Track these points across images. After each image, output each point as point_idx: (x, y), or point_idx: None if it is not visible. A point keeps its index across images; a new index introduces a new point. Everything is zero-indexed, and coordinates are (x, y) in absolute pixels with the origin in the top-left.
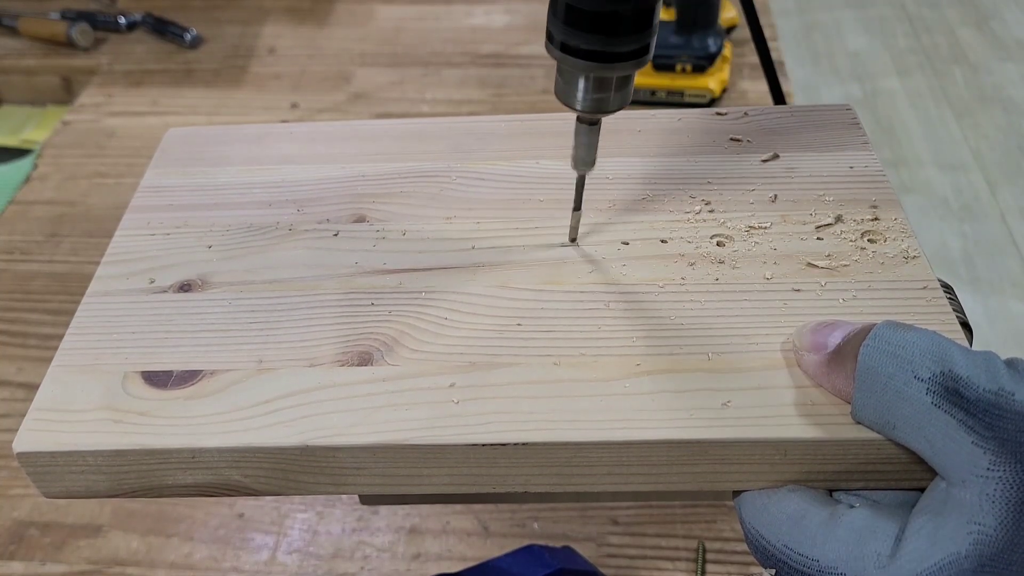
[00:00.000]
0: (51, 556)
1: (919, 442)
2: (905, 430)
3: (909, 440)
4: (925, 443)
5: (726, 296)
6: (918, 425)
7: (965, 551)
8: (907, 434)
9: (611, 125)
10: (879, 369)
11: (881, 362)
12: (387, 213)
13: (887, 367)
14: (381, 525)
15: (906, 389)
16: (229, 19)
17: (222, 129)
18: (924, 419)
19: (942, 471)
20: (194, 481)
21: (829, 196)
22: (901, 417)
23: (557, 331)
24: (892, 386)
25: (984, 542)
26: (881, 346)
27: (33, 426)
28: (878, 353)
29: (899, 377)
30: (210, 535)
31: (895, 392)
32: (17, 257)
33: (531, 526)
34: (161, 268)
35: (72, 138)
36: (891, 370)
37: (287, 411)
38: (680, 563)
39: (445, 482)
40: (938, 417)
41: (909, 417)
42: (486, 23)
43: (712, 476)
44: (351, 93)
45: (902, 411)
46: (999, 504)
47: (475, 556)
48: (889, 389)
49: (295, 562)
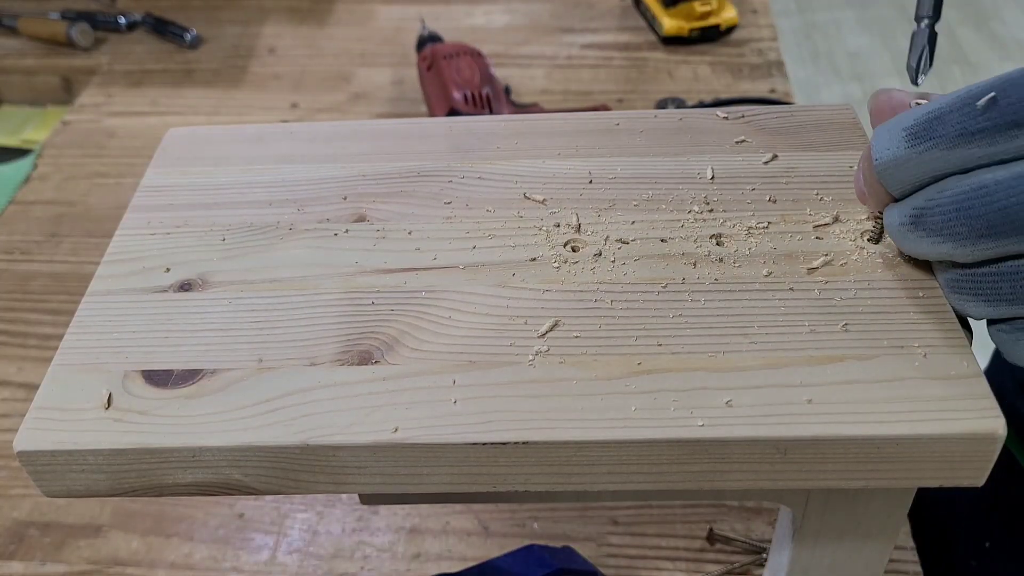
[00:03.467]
0: (51, 556)
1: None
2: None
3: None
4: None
5: (726, 295)
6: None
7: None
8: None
9: (611, 125)
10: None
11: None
12: (387, 213)
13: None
14: (381, 525)
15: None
16: (229, 19)
17: (222, 129)
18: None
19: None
20: (194, 480)
21: (828, 196)
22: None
23: (558, 330)
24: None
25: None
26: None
27: (34, 425)
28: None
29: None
30: (210, 535)
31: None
32: (17, 257)
33: (531, 526)
34: (161, 268)
35: (72, 138)
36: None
37: (287, 410)
38: (680, 563)
39: (445, 481)
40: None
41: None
42: (486, 23)
43: (712, 475)
44: (351, 93)
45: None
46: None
47: (475, 556)
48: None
49: (295, 562)
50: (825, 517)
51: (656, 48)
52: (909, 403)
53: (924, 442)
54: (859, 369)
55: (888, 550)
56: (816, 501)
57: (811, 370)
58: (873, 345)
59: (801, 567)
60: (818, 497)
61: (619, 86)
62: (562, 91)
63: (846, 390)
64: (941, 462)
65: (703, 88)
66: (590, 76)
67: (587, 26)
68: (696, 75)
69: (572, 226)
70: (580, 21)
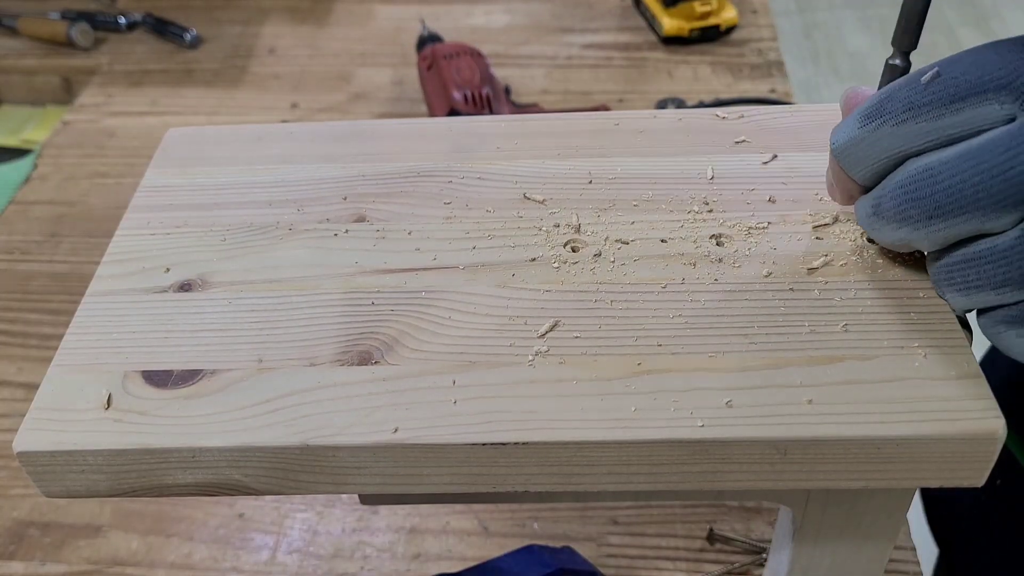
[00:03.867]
0: (51, 556)
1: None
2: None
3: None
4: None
5: (726, 295)
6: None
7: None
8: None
9: (611, 125)
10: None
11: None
12: (387, 213)
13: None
14: (381, 525)
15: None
16: (229, 19)
17: (222, 129)
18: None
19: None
20: (194, 480)
21: (828, 196)
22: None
23: (557, 330)
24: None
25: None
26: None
27: (33, 426)
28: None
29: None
30: (210, 535)
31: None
32: (17, 257)
33: (531, 526)
34: (161, 268)
35: (72, 138)
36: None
37: (287, 410)
38: (680, 563)
39: (445, 482)
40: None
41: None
42: (486, 23)
43: (712, 476)
44: (351, 93)
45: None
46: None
47: (475, 556)
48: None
49: (295, 562)
50: (825, 517)
51: (656, 48)
52: (909, 403)
53: (924, 442)
54: (859, 369)
55: (888, 550)
56: (816, 501)
57: (811, 370)
58: (873, 345)
59: (801, 567)
60: (818, 497)
61: (619, 86)
62: (562, 91)
63: (846, 390)
64: (941, 462)
65: (703, 88)
66: (590, 76)
67: (587, 26)
68: (696, 75)
69: (572, 226)
70: (580, 21)
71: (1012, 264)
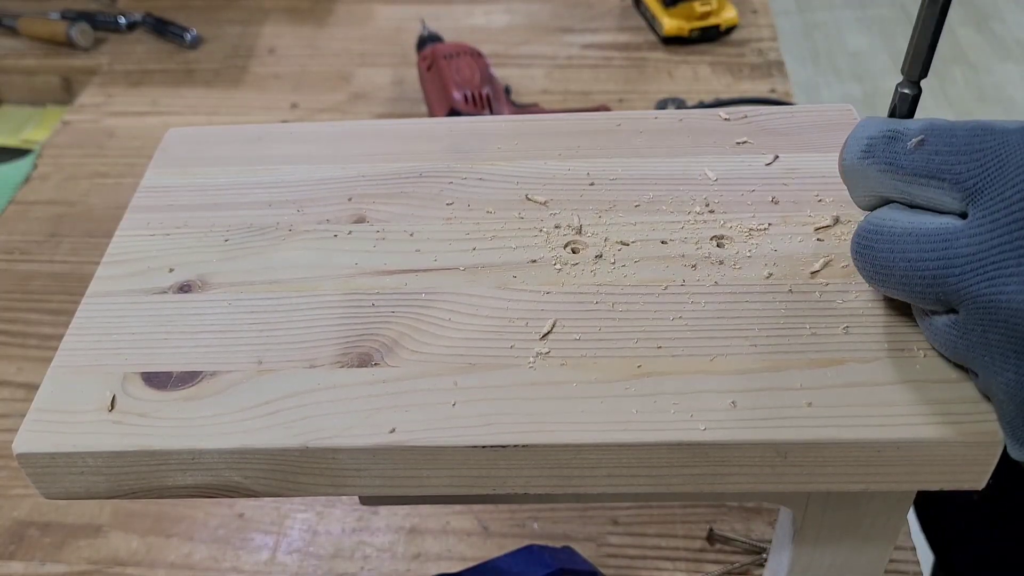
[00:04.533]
0: (51, 556)
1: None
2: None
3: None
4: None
5: (726, 297)
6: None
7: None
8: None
9: (612, 126)
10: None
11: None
12: (387, 213)
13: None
14: (381, 525)
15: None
16: (229, 19)
17: (222, 129)
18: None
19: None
20: (194, 482)
21: (829, 197)
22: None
23: (558, 332)
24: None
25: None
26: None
27: (33, 427)
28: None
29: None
30: (210, 535)
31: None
32: (17, 257)
33: (531, 526)
34: (161, 269)
35: (72, 138)
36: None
37: (287, 412)
38: (680, 563)
39: (445, 484)
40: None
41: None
42: (486, 23)
43: (712, 478)
44: (351, 93)
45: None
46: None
47: (475, 556)
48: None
49: (295, 562)
50: (825, 518)
51: (656, 48)
52: (909, 406)
53: (924, 446)
54: (860, 372)
55: (888, 551)
56: (816, 502)
57: (811, 373)
58: (874, 348)
59: (801, 568)
60: (819, 499)
61: (619, 86)
62: (562, 91)
63: (846, 393)
64: (941, 465)
65: (703, 88)
66: (590, 76)
67: (587, 26)
68: (696, 75)
69: (573, 227)
70: (580, 21)
71: (947, 346)
